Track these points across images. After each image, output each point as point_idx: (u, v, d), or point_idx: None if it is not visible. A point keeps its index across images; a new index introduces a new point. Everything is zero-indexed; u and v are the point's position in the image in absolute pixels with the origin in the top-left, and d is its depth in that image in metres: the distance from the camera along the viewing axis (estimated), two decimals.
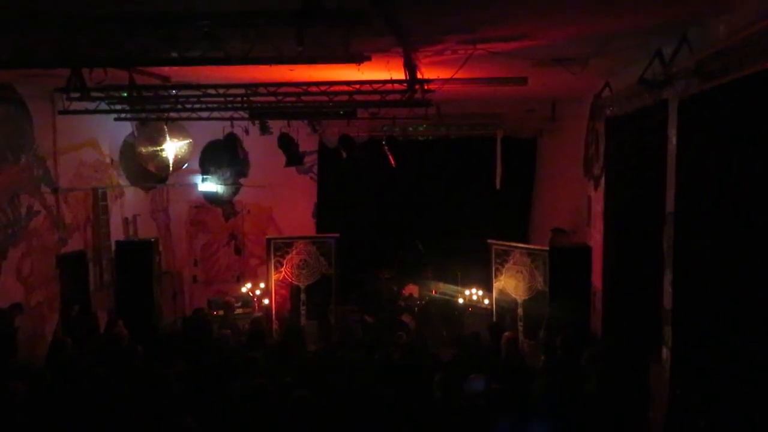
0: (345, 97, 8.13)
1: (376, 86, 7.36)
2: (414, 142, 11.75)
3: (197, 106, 8.58)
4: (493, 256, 10.28)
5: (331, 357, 7.62)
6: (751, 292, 4.50)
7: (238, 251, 12.51)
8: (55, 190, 9.15)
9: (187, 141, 10.79)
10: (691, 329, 5.52)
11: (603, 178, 8.76)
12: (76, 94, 7.24)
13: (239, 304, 11.13)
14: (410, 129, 11.51)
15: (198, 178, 12.28)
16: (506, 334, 8.16)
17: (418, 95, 7.67)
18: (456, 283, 11.36)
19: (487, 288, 10.61)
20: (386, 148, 10.57)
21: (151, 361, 7.43)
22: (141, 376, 6.86)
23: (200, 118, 9.51)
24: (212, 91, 7.89)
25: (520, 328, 9.73)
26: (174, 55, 5.39)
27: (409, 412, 6.03)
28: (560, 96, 10.83)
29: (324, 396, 6.20)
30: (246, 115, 9.60)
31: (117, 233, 10.60)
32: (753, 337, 4.47)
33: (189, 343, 8.39)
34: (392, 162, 10.67)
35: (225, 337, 8.66)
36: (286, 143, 10.65)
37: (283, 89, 7.81)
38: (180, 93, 8.10)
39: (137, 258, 10.36)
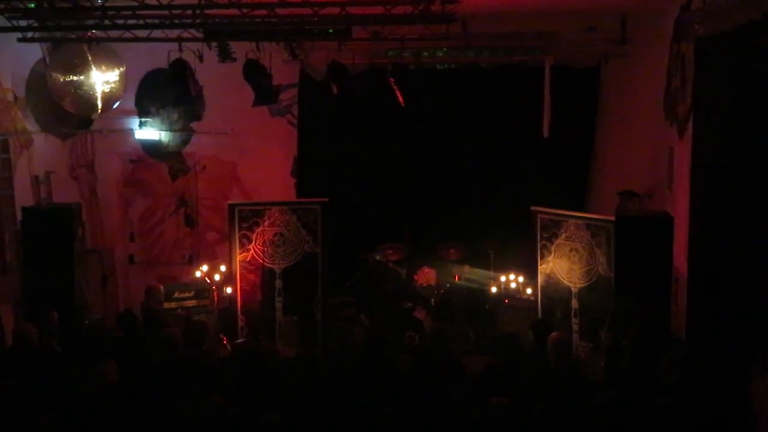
0: (336, 10, 8.07)
1: None
2: (430, 73, 11.73)
3: (132, 21, 8.50)
4: (539, 228, 10.25)
5: (316, 366, 7.66)
6: None
7: (189, 222, 12.52)
8: None
9: (119, 70, 10.71)
10: None
11: (691, 122, 8.70)
12: None
13: (192, 293, 11.17)
14: (425, 54, 11.47)
15: (134, 122, 12.23)
16: (555, 334, 8.19)
17: (436, 7, 7.60)
18: (487, 267, 11.42)
19: (530, 273, 10.63)
20: (392, 80, 10.53)
21: (74, 371, 7.49)
22: (61, 391, 6.94)
23: (137, 39, 9.42)
24: (153, 2, 7.81)
25: (575, 327, 9.78)
26: None
27: None
28: (632, 8, 10.73)
29: (306, 421, 6.25)
30: (200, 35, 9.53)
31: (24, 197, 10.58)
32: None
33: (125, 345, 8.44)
34: (400, 100, 10.65)
35: (172, 337, 8.69)
36: (255, 74, 10.55)
37: None
38: (109, 4, 8.01)
39: (52, 231, 10.29)
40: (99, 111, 10.76)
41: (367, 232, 11.91)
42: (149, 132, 12.28)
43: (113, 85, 10.65)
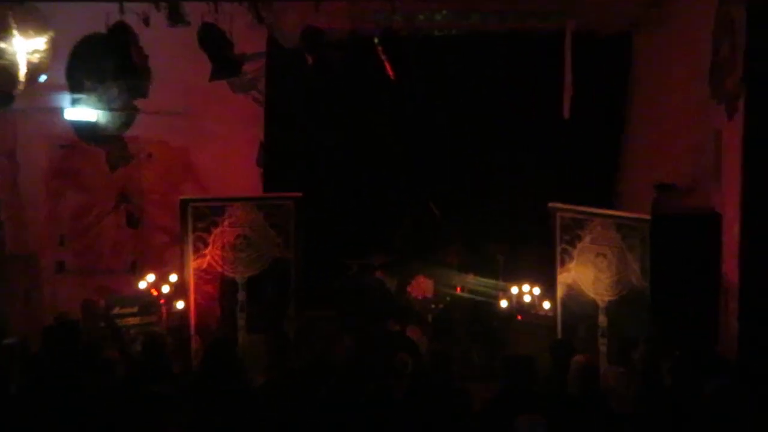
0: None
1: None
2: (427, 41, 11.75)
3: None
4: (558, 229, 10.28)
5: (288, 395, 7.65)
6: None
7: (132, 222, 12.47)
8: None
9: (47, 36, 10.63)
10: None
11: (743, 100, 8.70)
12: None
13: (135, 309, 11.10)
14: (421, 18, 11.50)
15: (65, 100, 12.14)
16: (578, 357, 8.18)
17: None
18: (496, 276, 11.46)
19: (548, 283, 10.68)
20: (380, 49, 10.53)
21: None
22: None
23: None
24: None
25: (602, 349, 9.80)
26: None
27: None
28: None
29: None
30: None
31: None
32: None
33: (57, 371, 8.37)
34: (390, 73, 10.65)
35: (111, 363, 8.67)
36: (213, 41, 10.54)
37: None
38: None
39: None
40: (22, 86, 10.69)
41: (350, 234, 11.94)
42: (83, 111, 12.19)
43: (40, 55, 10.57)
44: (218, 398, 7.58)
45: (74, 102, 12.18)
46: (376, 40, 10.53)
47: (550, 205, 10.38)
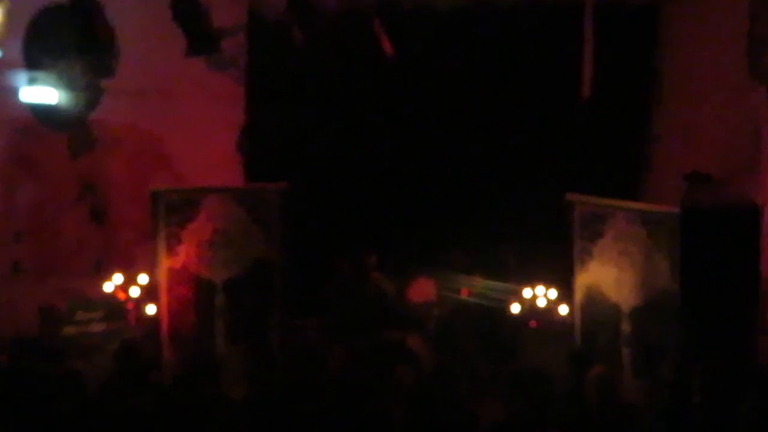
0: None
1: None
2: (430, 14, 11.76)
3: None
4: (577, 224, 10.31)
5: (272, 412, 7.64)
6: None
7: (97, 216, 12.43)
8: None
9: (1, 7, 10.61)
10: None
11: None
12: None
13: (100, 314, 11.08)
14: None
15: (21, 78, 12.09)
16: (598, 369, 8.19)
17: None
18: (506, 277, 11.46)
19: (565, 285, 10.71)
20: (378, 24, 10.52)
21: None
22: None
23: None
24: None
25: (626, 359, 9.80)
26: None
27: None
28: None
29: None
30: None
31: None
32: None
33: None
34: (389, 50, 10.65)
35: (77, 373, 8.66)
36: (188, 13, 10.53)
37: None
38: None
39: None
40: None
41: (342, 230, 11.95)
42: (41, 92, 12.14)
43: None
44: (194, 415, 7.60)
45: (31, 81, 12.13)
46: (372, 13, 10.51)
47: (568, 196, 10.40)
